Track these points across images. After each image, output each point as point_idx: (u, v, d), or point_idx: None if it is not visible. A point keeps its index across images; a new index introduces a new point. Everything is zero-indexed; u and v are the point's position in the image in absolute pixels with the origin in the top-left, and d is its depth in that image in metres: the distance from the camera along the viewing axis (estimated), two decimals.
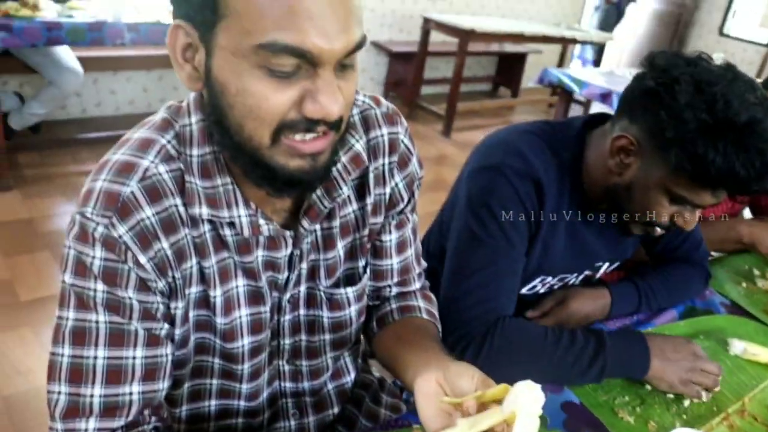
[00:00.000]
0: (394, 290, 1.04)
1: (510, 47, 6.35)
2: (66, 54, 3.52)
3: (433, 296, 1.09)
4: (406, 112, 5.48)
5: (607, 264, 1.34)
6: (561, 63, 6.82)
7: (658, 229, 1.15)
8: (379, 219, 0.96)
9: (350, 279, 0.96)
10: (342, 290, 0.94)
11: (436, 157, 4.74)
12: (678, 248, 1.39)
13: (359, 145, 0.89)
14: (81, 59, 3.63)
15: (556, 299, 1.27)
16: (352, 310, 0.97)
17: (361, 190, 0.93)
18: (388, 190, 0.94)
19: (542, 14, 7.07)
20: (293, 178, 0.72)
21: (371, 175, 0.92)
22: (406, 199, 0.98)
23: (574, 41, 5.91)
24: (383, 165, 0.93)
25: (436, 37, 5.48)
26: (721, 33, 7.60)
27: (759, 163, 0.96)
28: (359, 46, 0.68)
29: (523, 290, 1.26)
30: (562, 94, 4.07)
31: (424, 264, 1.08)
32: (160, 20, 3.39)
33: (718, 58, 3.55)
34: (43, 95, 3.55)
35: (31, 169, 3.55)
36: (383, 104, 0.95)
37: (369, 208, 0.93)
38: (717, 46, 7.57)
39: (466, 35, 4.84)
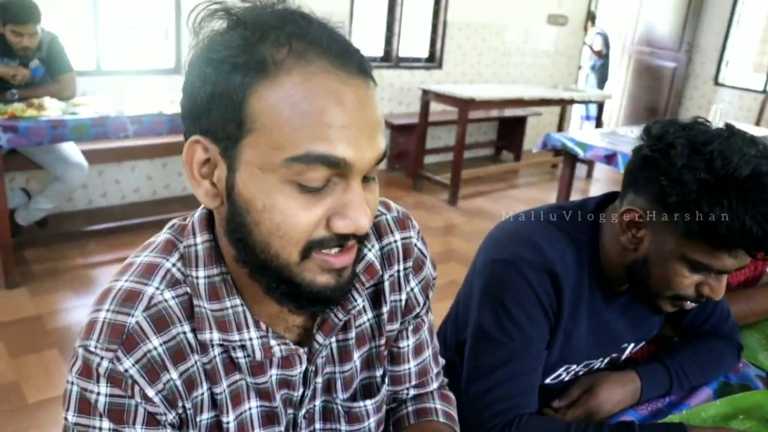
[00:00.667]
0: (412, 392, 0.99)
1: (510, 112, 6.42)
2: (71, 149, 3.57)
3: (451, 395, 1.04)
4: (410, 183, 5.51)
5: (632, 345, 1.28)
6: (561, 123, 6.88)
7: (688, 304, 1.10)
8: (396, 326, 0.92)
9: (368, 389, 0.91)
10: (361, 403, 0.89)
11: (444, 227, 4.71)
12: (705, 322, 1.33)
13: (372, 254, 0.86)
14: (85, 152, 3.69)
15: (583, 387, 1.20)
16: (372, 422, 0.91)
17: (376, 298, 0.89)
18: (404, 296, 0.91)
19: (539, 77, 7.18)
20: (319, 295, 0.69)
21: (386, 283, 0.88)
22: (422, 303, 0.94)
23: (572, 102, 5.97)
24: (398, 271, 0.89)
25: (436, 107, 5.55)
26: (716, 83, 7.69)
27: None
28: (385, 155, 0.68)
29: (548, 380, 1.20)
30: (567, 155, 4.07)
31: (442, 361, 1.04)
32: (162, 111, 3.43)
33: (716, 110, 3.54)
34: (50, 190, 3.57)
35: (38, 264, 3.54)
36: (393, 209, 0.92)
37: (385, 316, 0.89)
38: (714, 96, 7.64)
39: (465, 104, 4.90)
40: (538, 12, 6.90)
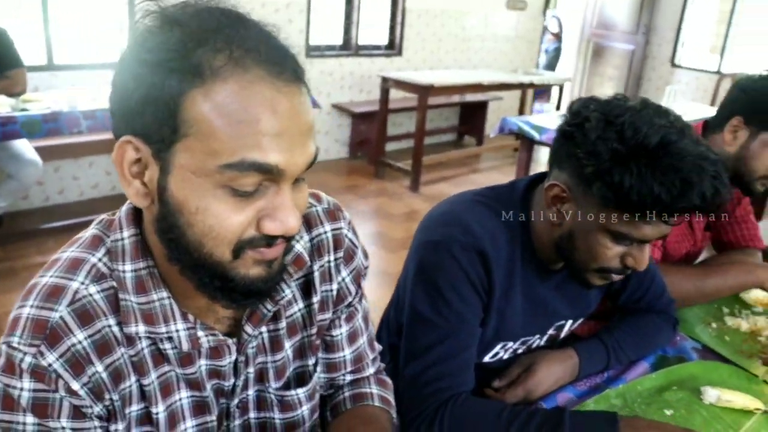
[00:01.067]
0: (348, 378, 1.02)
1: (471, 97, 6.45)
2: (24, 147, 3.50)
3: (388, 380, 1.07)
4: (372, 171, 5.52)
5: (570, 322, 1.32)
6: (522, 106, 6.95)
7: (615, 276, 1.12)
8: (328, 315, 0.94)
9: (301, 378, 0.94)
10: (293, 392, 0.91)
11: (406, 213, 4.73)
12: (641, 298, 1.38)
13: (300, 246, 0.88)
14: (40, 149, 3.63)
15: (522, 366, 1.23)
16: (305, 410, 0.94)
17: (306, 288, 0.91)
18: (335, 286, 0.93)
19: (499, 62, 7.23)
20: (252, 287, 0.72)
21: (316, 274, 0.91)
22: (353, 292, 0.97)
23: (531, 85, 6.02)
24: (329, 262, 0.92)
25: (397, 94, 5.55)
26: (673, 64, 7.81)
27: (678, 180, 0.95)
28: (315, 158, 0.71)
29: (486, 358, 1.23)
30: (524, 139, 4.11)
31: (378, 347, 1.06)
32: None
33: (670, 91, 3.58)
34: (3, 189, 3.51)
35: None
36: (324, 200, 0.94)
37: (316, 306, 0.91)
38: (671, 77, 7.76)
39: (425, 90, 4.91)
40: None
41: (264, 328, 0.87)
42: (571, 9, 8.34)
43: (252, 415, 0.90)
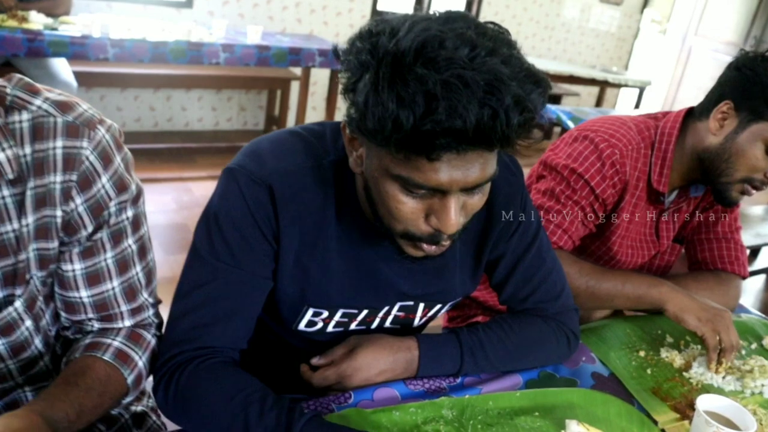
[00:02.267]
0: (96, 325, 0.90)
1: None
2: (61, 68, 3.54)
3: (147, 336, 0.93)
4: None
5: (422, 305, 1.09)
6: (598, 105, 6.51)
7: (426, 246, 0.87)
8: (53, 245, 0.81)
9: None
10: None
11: None
12: (529, 297, 1.12)
13: (4, 155, 0.74)
14: (88, 74, 3.74)
15: (347, 347, 1.03)
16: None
17: (24, 208, 0.78)
18: (59, 212, 0.80)
19: (584, 56, 6.82)
20: None
21: (29, 193, 0.78)
22: (90, 226, 0.83)
23: (606, 84, 5.61)
24: (53, 183, 0.78)
25: None
26: None
27: (420, 95, 0.69)
28: None
29: (301, 326, 1.03)
30: (563, 130, 3.84)
31: (147, 299, 0.93)
32: (146, 38, 3.36)
33: None
34: None
35: None
36: (76, 112, 0.80)
37: (26, 230, 0.79)
38: None
39: None
40: None
41: None
42: (672, 11, 7.76)
43: None
